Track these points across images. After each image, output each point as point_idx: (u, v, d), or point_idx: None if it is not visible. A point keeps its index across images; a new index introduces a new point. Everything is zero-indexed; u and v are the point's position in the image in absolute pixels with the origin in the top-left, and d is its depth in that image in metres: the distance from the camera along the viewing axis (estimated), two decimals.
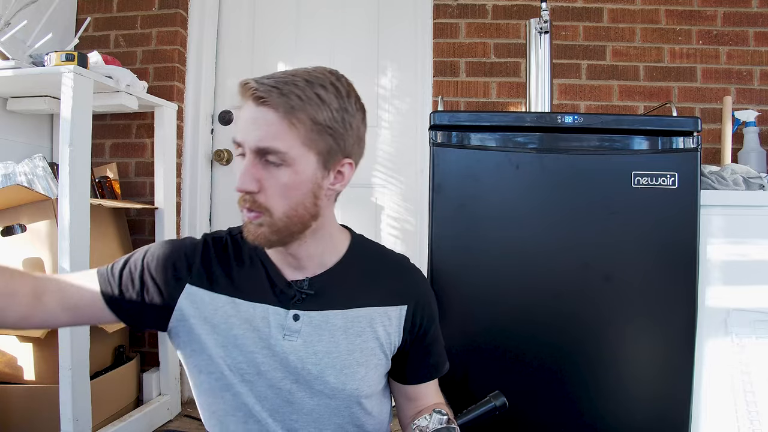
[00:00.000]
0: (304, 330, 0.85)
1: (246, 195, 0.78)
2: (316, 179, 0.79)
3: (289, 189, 0.77)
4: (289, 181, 0.77)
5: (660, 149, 1.33)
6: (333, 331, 0.86)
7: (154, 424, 1.95)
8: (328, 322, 0.86)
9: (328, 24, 2.35)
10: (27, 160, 1.84)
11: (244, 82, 0.76)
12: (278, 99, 0.74)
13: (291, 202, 0.78)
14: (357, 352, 0.87)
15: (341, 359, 0.86)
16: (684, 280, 1.33)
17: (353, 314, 0.88)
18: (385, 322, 0.90)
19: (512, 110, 2.16)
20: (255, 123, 0.75)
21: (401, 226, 2.26)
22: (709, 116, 2.11)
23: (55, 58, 1.65)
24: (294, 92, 0.74)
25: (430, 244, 1.34)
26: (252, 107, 0.76)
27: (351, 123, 0.80)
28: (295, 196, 0.78)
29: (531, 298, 1.33)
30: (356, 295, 0.89)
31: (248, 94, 0.75)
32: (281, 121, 0.74)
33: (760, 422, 1.37)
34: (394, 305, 0.91)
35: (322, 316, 0.86)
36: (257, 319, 0.85)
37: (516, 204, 1.33)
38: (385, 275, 0.93)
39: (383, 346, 0.90)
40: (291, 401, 0.85)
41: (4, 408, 1.66)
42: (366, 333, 0.88)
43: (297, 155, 0.76)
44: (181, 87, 2.27)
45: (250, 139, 0.75)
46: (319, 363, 0.85)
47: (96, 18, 2.27)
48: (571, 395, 1.33)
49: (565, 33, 2.18)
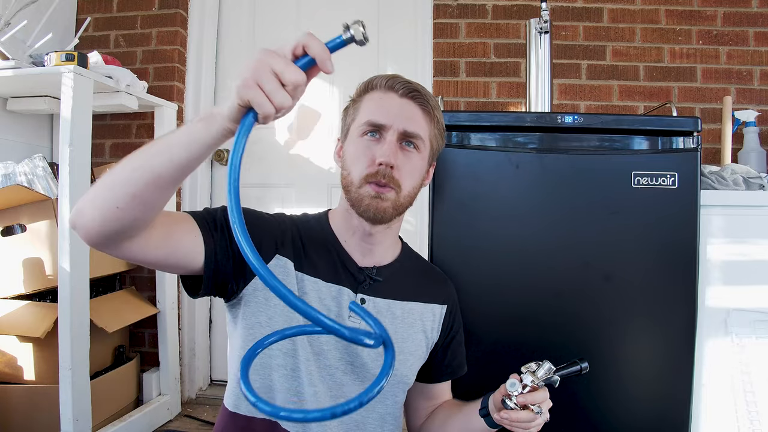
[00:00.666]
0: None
1: (385, 168, 0.87)
2: (425, 169, 0.96)
3: (415, 171, 0.92)
4: (416, 165, 0.92)
5: (660, 149, 1.33)
6: (393, 319, 0.94)
7: (154, 424, 1.96)
8: (390, 310, 0.94)
9: (328, 24, 2.34)
10: (27, 160, 1.84)
11: (391, 76, 0.92)
12: (425, 97, 0.91)
13: (414, 183, 0.92)
14: (409, 341, 0.95)
15: (397, 345, 0.91)
16: (684, 280, 1.32)
17: (409, 306, 0.96)
18: (430, 318, 0.98)
19: (512, 110, 2.16)
20: (404, 111, 0.90)
21: (401, 226, 2.25)
22: (709, 116, 2.11)
23: (55, 58, 1.65)
24: (430, 96, 0.93)
25: (430, 244, 1.34)
26: (398, 99, 0.90)
27: (444, 136, 0.99)
28: (416, 179, 0.93)
29: (531, 298, 1.33)
30: (412, 290, 0.98)
31: (398, 87, 0.90)
32: (424, 115, 0.92)
33: (760, 422, 1.37)
34: (438, 304, 1.01)
35: (385, 303, 0.94)
36: (329, 298, 0.90)
37: (516, 204, 1.33)
38: (431, 277, 1.05)
39: (427, 339, 0.98)
40: (341, 383, 0.90)
41: (4, 408, 1.66)
42: (416, 325, 0.96)
43: (426, 144, 0.93)
44: (181, 87, 2.27)
45: (399, 123, 0.89)
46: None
47: (96, 18, 2.27)
48: (571, 395, 1.33)
49: (565, 33, 2.18)
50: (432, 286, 1.03)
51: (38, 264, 1.71)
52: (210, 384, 2.36)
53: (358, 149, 0.89)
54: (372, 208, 0.87)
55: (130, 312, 1.96)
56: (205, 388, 2.34)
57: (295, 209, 2.22)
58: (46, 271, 1.70)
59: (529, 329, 1.33)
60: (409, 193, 0.92)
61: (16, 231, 1.71)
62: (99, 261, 1.85)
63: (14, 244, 1.72)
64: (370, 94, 0.92)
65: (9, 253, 1.71)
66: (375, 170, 0.87)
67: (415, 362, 0.97)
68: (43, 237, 1.71)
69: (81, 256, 1.63)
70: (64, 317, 1.59)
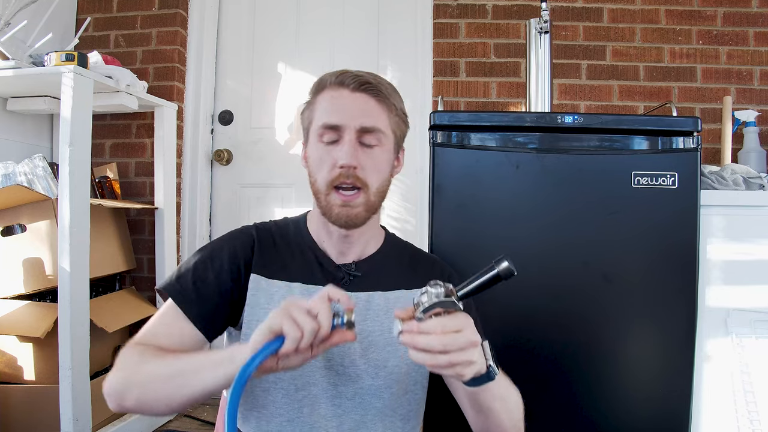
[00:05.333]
0: None
1: (348, 170, 0.85)
2: (391, 160, 0.92)
3: (381, 164, 0.89)
4: (380, 159, 0.89)
5: (660, 149, 1.33)
6: (377, 311, 0.91)
7: (154, 424, 1.96)
8: (372, 302, 0.92)
9: (328, 24, 2.35)
10: (27, 160, 1.84)
11: (340, 72, 0.88)
12: (378, 87, 0.87)
13: (382, 177, 0.89)
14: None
15: (384, 337, 0.90)
16: (684, 280, 1.32)
17: (394, 295, 0.94)
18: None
19: (512, 110, 2.16)
20: (358, 106, 0.87)
21: (401, 226, 2.26)
22: (709, 116, 2.11)
23: (55, 58, 1.65)
24: (384, 83, 0.89)
25: (430, 244, 1.34)
26: (350, 94, 0.87)
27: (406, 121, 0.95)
28: (384, 172, 0.90)
29: (531, 298, 1.33)
30: (397, 279, 0.96)
31: (348, 81, 0.86)
32: (379, 105, 0.88)
33: (760, 422, 1.37)
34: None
35: (367, 296, 0.92)
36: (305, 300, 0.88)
37: (516, 204, 1.33)
38: (418, 264, 1.01)
39: None
40: (336, 384, 0.88)
41: (4, 408, 1.66)
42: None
43: (387, 136, 0.89)
44: (181, 87, 2.27)
45: (354, 121, 0.86)
46: (363, 341, 0.89)
47: (96, 18, 2.27)
48: (571, 395, 1.33)
49: (565, 33, 2.18)
50: (423, 272, 0.98)
51: (38, 264, 1.71)
52: None
53: (319, 154, 0.88)
54: (343, 216, 0.87)
55: (130, 312, 1.96)
56: None
57: (295, 209, 2.22)
58: (46, 271, 1.70)
59: (530, 329, 1.33)
60: (378, 188, 0.89)
61: (16, 231, 1.71)
62: (99, 261, 1.85)
63: (14, 244, 1.72)
64: (322, 94, 0.90)
65: (9, 253, 1.71)
66: (338, 173, 0.85)
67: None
68: (43, 237, 1.71)
69: (81, 256, 1.63)
70: (64, 317, 1.58)
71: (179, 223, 2.25)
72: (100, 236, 1.90)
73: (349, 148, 0.85)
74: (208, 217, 2.37)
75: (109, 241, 2.00)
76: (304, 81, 2.34)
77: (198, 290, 0.88)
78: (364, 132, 0.86)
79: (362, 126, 0.86)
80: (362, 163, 0.86)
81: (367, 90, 0.87)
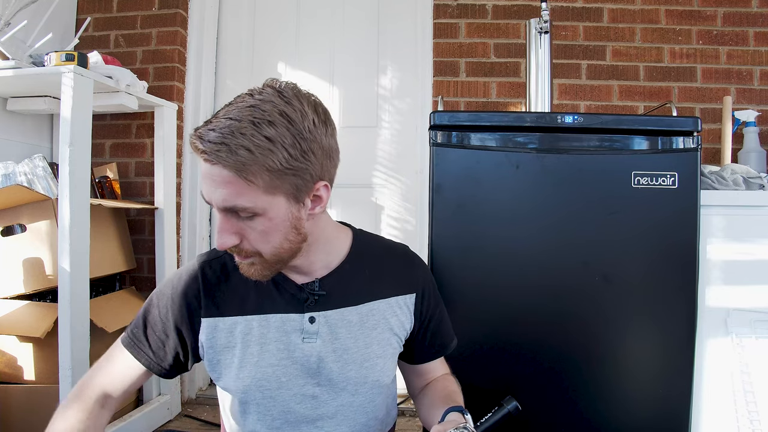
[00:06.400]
0: (321, 330, 0.86)
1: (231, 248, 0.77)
2: (292, 216, 0.76)
3: (268, 234, 0.76)
4: (265, 228, 0.75)
5: (660, 149, 1.33)
6: (349, 327, 0.88)
7: (154, 424, 1.95)
8: (344, 319, 0.88)
9: (328, 24, 2.35)
10: (27, 160, 1.84)
11: (191, 139, 0.73)
12: (228, 158, 0.69)
13: (275, 242, 0.77)
14: (374, 344, 0.89)
15: (360, 353, 0.88)
16: (684, 280, 1.32)
17: (367, 308, 0.90)
18: (398, 311, 0.92)
19: (512, 110, 2.16)
20: (214, 182, 0.72)
21: (401, 226, 2.26)
22: (709, 116, 2.11)
23: (55, 58, 1.65)
24: (242, 145, 0.69)
25: (430, 244, 1.34)
26: (206, 165, 0.72)
27: (311, 148, 0.74)
28: (276, 237, 0.77)
29: (531, 298, 1.33)
30: (367, 289, 0.90)
31: (200, 148, 0.71)
32: (237, 180, 0.71)
33: (760, 422, 1.37)
34: (403, 294, 0.93)
35: (337, 314, 0.87)
36: (273, 330, 0.86)
37: (516, 204, 1.33)
38: (391, 266, 0.95)
39: (398, 335, 0.93)
40: (315, 406, 0.87)
41: (4, 408, 1.66)
42: (381, 325, 0.90)
43: (264, 205, 0.73)
44: (181, 87, 2.27)
45: (215, 199, 0.73)
46: (339, 360, 0.86)
47: (96, 18, 2.27)
48: (571, 395, 1.33)
49: (565, 33, 2.18)
50: (395, 275, 0.94)
51: (38, 264, 1.71)
52: (210, 384, 2.36)
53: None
54: (246, 272, 0.81)
55: (130, 312, 1.96)
56: (205, 388, 2.34)
57: None
58: (46, 271, 1.70)
59: (530, 329, 1.33)
60: (272, 252, 0.77)
61: (16, 231, 1.71)
62: (99, 261, 1.85)
63: (14, 244, 1.72)
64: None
65: (9, 253, 1.71)
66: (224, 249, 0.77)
67: (387, 362, 0.91)
68: (43, 237, 1.71)
69: (81, 256, 1.63)
70: (64, 317, 1.58)
71: (179, 223, 2.25)
72: (100, 236, 1.90)
73: (221, 230, 0.75)
74: (208, 217, 2.37)
75: (109, 241, 2.00)
76: (304, 81, 2.34)
77: (150, 342, 0.88)
78: (231, 210, 0.74)
79: (224, 207, 0.73)
80: (244, 234, 0.76)
81: (220, 161, 0.70)
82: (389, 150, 2.31)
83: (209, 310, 0.86)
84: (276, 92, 0.74)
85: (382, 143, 2.31)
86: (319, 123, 0.76)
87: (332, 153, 0.79)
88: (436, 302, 0.98)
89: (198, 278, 0.87)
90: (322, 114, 0.77)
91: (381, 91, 2.32)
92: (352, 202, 2.28)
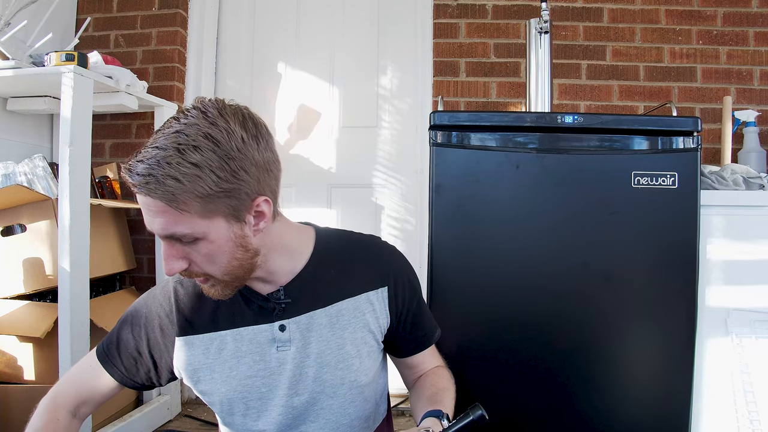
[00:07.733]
0: (294, 337, 0.86)
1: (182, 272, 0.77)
2: (235, 235, 0.76)
3: (213, 256, 0.75)
4: (209, 251, 0.75)
5: (660, 149, 1.33)
6: (320, 330, 0.87)
7: (153, 424, 1.95)
8: (314, 323, 0.87)
9: (328, 24, 2.35)
10: (27, 160, 1.84)
11: (122, 171, 0.72)
12: (157, 189, 0.69)
13: (222, 263, 0.76)
14: (348, 344, 0.88)
15: (334, 355, 0.87)
16: (684, 280, 1.33)
17: (335, 309, 0.88)
18: (370, 308, 0.90)
19: (512, 110, 2.16)
20: (150, 212, 0.72)
21: (401, 226, 2.26)
22: (709, 116, 2.11)
23: (55, 58, 1.65)
24: (169, 174, 0.68)
25: (430, 244, 1.34)
26: (139, 196, 0.72)
27: (242, 166, 0.72)
28: (223, 258, 0.76)
29: (531, 298, 1.33)
30: (335, 289, 0.89)
31: (130, 181, 0.71)
32: (170, 209, 0.70)
33: (760, 422, 1.37)
34: (374, 289, 0.91)
35: (306, 318, 0.87)
36: (246, 343, 0.86)
37: (516, 204, 1.33)
38: (358, 262, 0.92)
39: (373, 332, 0.91)
40: (296, 415, 0.87)
41: (4, 408, 1.66)
42: (353, 324, 0.89)
43: (203, 229, 0.73)
44: (181, 87, 2.27)
45: (155, 228, 0.73)
46: (314, 364, 0.86)
47: (96, 18, 2.27)
48: (571, 395, 1.33)
49: (565, 33, 2.18)
50: (362, 271, 0.91)
51: (38, 264, 1.71)
52: None
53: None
54: (213, 294, 0.81)
55: None
56: None
57: (295, 209, 2.22)
58: (46, 271, 1.70)
59: (529, 329, 1.33)
60: (223, 272, 0.77)
61: (16, 231, 1.71)
62: (99, 261, 1.85)
63: (14, 244, 1.72)
64: None
65: (9, 253, 1.71)
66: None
67: (363, 361, 0.90)
68: (43, 237, 1.71)
69: (81, 256, 1.62)
70: (64, 317, 1.58)
71: None
72: (100, 236, 1.90)
73: (165, 258, 0.76)
74: None
75: (109, 241, 2.00)
76: (304, 81, 2.34)
77: (122, 361, 0.89)
78: (172, 237, 0.74)
79: (164, 235, 0.74)
80: (191, 258, 0.76)
81: (150, 193, 0.70)
82: (389, 150, 2.31)
83: (183, 329, 0.87)
84: (201, 113, 0.73)
85: (382, 143, 2.31)
86: (249, 139, 0.74)
87: (270, 166, 0.77)
88: (412, 293, 0.95)
89: (170, 298, 0.89)
90: (252, 129, 0.75)
91: (381, 91, 2.32)
92: (352, 202, 2.28)
